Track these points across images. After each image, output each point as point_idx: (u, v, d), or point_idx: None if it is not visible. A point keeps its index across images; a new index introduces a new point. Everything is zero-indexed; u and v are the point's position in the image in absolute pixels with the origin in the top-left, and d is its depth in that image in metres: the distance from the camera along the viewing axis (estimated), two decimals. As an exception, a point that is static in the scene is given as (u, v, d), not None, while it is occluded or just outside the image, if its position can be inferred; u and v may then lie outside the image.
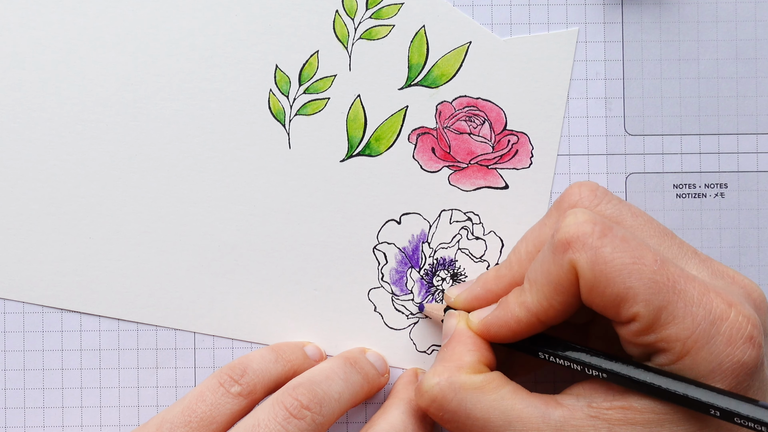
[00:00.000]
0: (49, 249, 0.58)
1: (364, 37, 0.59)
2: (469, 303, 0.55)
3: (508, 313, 0.52)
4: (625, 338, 0.50)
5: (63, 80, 0.58)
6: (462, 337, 0.54)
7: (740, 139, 0.59)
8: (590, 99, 0.59)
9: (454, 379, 0.51)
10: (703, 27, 0.59)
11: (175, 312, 0.59)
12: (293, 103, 0.59)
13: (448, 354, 0.53)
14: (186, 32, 0.58)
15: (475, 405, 0.51)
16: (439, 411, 0.51)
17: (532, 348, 0.53)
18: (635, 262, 0.49)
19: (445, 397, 0.51)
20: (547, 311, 0.51)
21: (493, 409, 0.51)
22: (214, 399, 0.53)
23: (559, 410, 0.50)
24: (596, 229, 0.49)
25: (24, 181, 0.58)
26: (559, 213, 0.54)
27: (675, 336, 0.48)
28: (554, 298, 0.50)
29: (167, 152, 0.58)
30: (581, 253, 0.49)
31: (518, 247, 0.55)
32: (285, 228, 0.59)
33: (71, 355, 0.59)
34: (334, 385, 0.54)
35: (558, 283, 0.50)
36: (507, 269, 0.54)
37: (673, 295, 0.48)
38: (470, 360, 0.52)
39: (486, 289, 0.55)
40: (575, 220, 0.50)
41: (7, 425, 0.58)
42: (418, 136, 0.59)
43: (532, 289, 0.51)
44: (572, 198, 0.54)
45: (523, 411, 0.50)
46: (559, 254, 0.50)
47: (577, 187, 0.54)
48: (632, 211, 0.53)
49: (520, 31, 0.59)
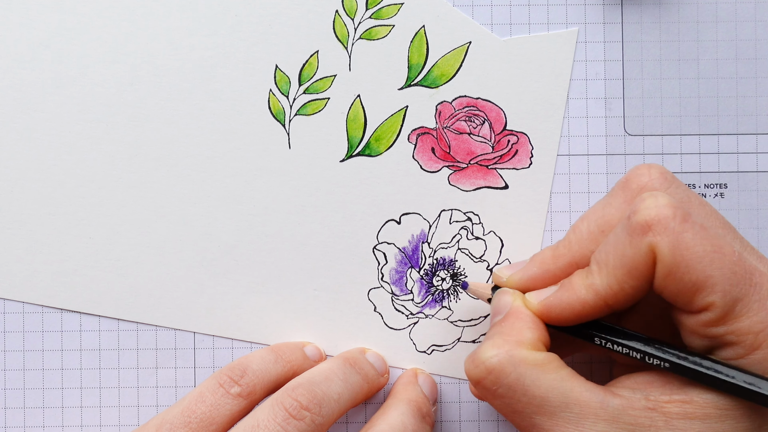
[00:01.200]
0: (49, 249, 0.58)
1: (364, 37, 0.59)
2: (524, 283, 0.53)
3: (573, 295, 0.51)
4: (692, 328, 0.49)
5: (63, 80, 0.58)
6: (520, 314, 0.52)
7: (740, 139, 0.59)
8: (590, 99, 0.59)
9: (515, 353, 0.50)
10: (702, 27, 0.59)
11: (174, 312, 0.59)
12: (293, 103, 0.59)
13: (506, 329, 0.51)
14: (186, 32, 0.58)
15: (533, 382, 0.49)
16: (494, 384, 0.50)
17: (590, 333, 0.51)
18: (716, 251, 0.48)
19: (503, 370, 0.50)
20: (616, 295, 0.50)
21: (552, 388, 0.49)
22: (214, 400, 0.53)
23: (617, 399, 0.49)
24: (678, 213, 0.48)
25: (24, 181, 0.58)
26: (626, 194, 0.52)
27: (747, 329, 0.48)
28: (627, 282, 0.49)
29: (167, 152, 0.58)
30: (662, 236, 0.48)
31: (578, 227, 0.53)
32: (285, 228, 0.59)
33: (71, 355, 0.59)
34: (333, 385, 0.54)
35: (633, 266, 0.49)
36: (566, 249, 0.53)
37: (750, 288, 0.48)
38: (531, 337, 0.51)
39: (543, 269, 0.53)
40: (656, 202, 0.48)
41: (7, 425, 0.58)
42: (418, 136, 0.59)
43: (602, 272, 0.50)
44: (641, 179, 0.52)
45: (582, 394, 0.49)
46: (638, 236, 0.48)
47: (647, 169, 0.52)
48: (699, 200, 0.52)
49: (520, 32, 0.59)
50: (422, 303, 0.59)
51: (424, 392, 0.57)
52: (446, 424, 0.59)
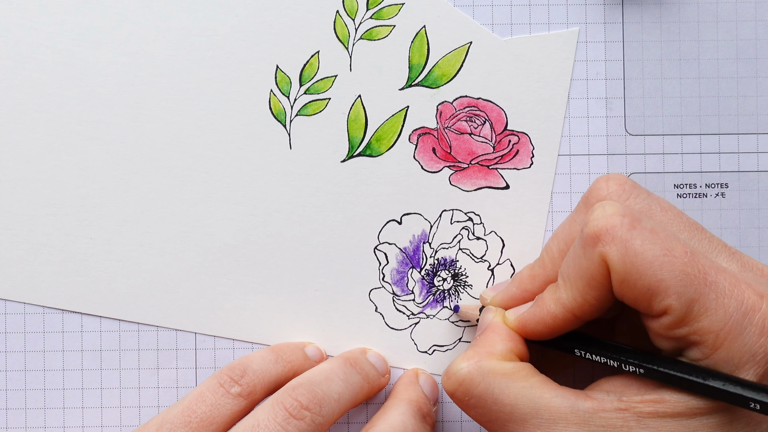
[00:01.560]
0: (50, 250, 0.58)
1: (364, 38, 0.59)
2: (505, 303, 0.55)
3: (543, 310, 0.52)
4: (657, 332, 0.50)
5: (64, 81, 0.58)
6: (496, 328, 0.53)
7: (741, 138, 0.59)
8: (591, 99, 0.59)
9: (483, 364, 0.51)
10: (703, 27, 0.59)
11: (176, 313, 0.59)
12: (294, 104, 0.59)
13: (480, 342, 0.53)
14: (187, 33, 0.58)
15: (502, 391, 0.51)
16: (465, 395, 0.51)
17: (568, 346, 0.53)
18: (665, 254, 0.48)
19: (472, 381, 0.51)
20: (581, 306, 0.51)
21: (521, 396, 0.50)
22: (214, 399, 0.53)
23: (589, 402, 0.50)
24: (625, 221, 0.49)
25: (25, 182, 0.58)
26: (587, 208, 0.53)
27: (707, 328, 0.48)
28: (588, 293, 0.50)
29: (168, 153, 0.58)
30: (611, 245, 0.49)
31: (549, 245, 0.54)
32: (286, 228, 0.59)
33: (72, 355, 0.59)
34: (333, 385, 0.54)
35: (590, 277, 0.50)
36: (540, 268, 0.54)
37: (705, 287, 0.48)
38: (502, 348, 0.52)
39: (521, 288, 0.55)
40: (603, 213, 0.49)
41: (8, 426, 0.58)
42: (419, 137, 0.59)
43: (566, 285, 0.51)
44: (600, 192, 0.53)
45: (551, 400, 0.50)
46: (590, 248, 0.49)
47: (605, 181, 0.53)
48: (662, 205, 0.52)
49: (521, 32, 0.59)
50: (423, 303, 0.59)
51: (425, 392, 0.57)
52: (447, 424, 0.59)
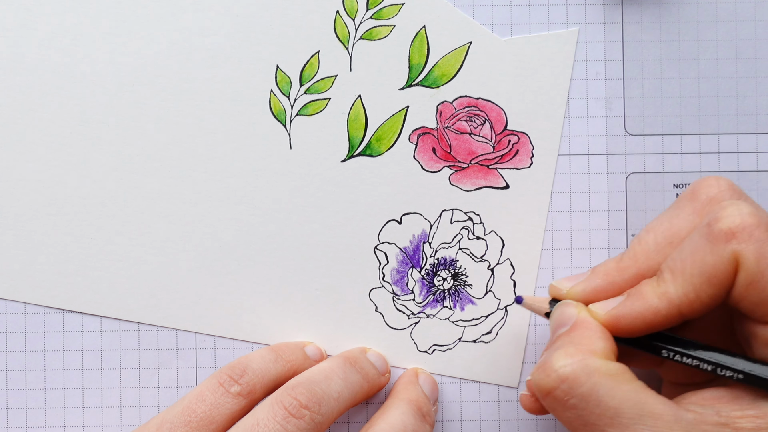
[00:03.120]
0: (50, 250, 0.58)
1: (364, 38, 0.59)
2: (586, 294, 0.52)
3: (644, 304, 0.49)
4: (766, 341, 0.48)
5: (64, 81, 0.58)
6: (589, 324, 0.50)
7: (740, 138, 0.59)
8: (590, 99, 0.59)
9: (589, 362, 0.48)
10: (703, 27, 0.59)
11: (176, 312, 0.59)
12: (294, 104, 0.59)
13: (577, 338, 0.50)
14: (187, 33, 0.58)
15: (608, 392, 0.48)
16: (567, 395, 0.48)
17: (656, 345, 0.50)
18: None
19: (577, 379, 0.48)
20: (692, 303, 0.48)
21: (627, 399, 0.48)
22: (214, 399, 0.53)
23: (691, 414, 0.48)
24: (763, 222, 0.47)
25: (25, 182, 0.58)
26: (694, 205, 0.51)
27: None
28: (704, 290, 0.48)
29: (168, 153, 0.58)
30: (747, 244, 0.47)
31: (644, 238, 0.52)
32: (286, 228, 0.59)
33: (73, 355, 0.59)
34: (333, 384, 0.54)
35: (713, 274, 0.48)
36: (631, 260, 0.51)
37: None
38: (603, 347, 0.49)
39: (608, 281, 0.52)
40: (739, 210, 0.48)
41: (8, 426, 0.58)
42: (419, 137, 0.59)
43: (676, 280, 0.48)
44: (710, 190, 0.51)
45: (656, 407, 0.48)
46: (720, 244, 0.47)
47: (716, 180, 0.51)
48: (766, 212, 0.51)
49: (521, 32, 0.59)
50: (423, 303, 0.59)
51: (424, 392, 0.57)
52: (447, 423, 0.59)
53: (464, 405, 0.59)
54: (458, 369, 0.59)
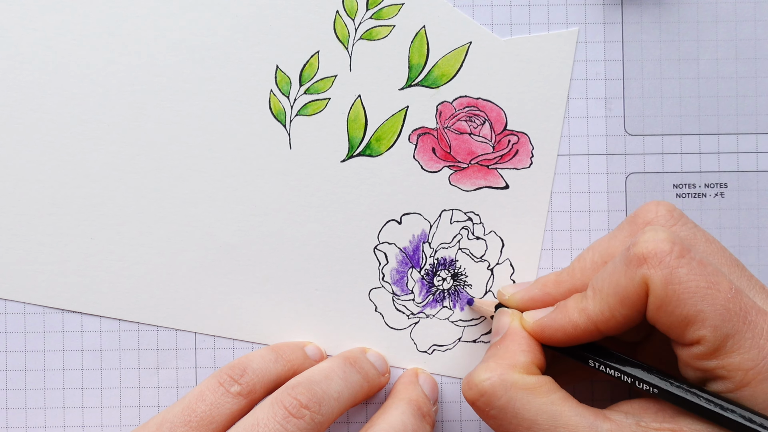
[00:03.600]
0: (50, 249, 0.58)
1: (364, 38, 0.59)
2: (524, 303, 0.55)
3: (565, 317, 0.52)
4: (685, 360, 0.50)
5: (64, 81, 0.58)
6: (516, 336, 0.53)
7: (740, 138, 0.59)
8: (590, 99, 0.59)
9: (507, 377, 0.51)
10: (702, 27, 0.59)
11: (176, 312, 0.59)
12: (294, 104, 0.59)
13: (501, 351, 0.53)
14: (187, 33, 0.58)
15: (524, 405, 0.51)
16: (486, 406, 0.51)
17: (584, 355, 0.53)
18: (710, 287, 0.48)
19: (495, 393, 0.51)
20: (607, 321, 0.51)
21: (542, 412, 0.50)
22: (214, 398, 0.53)
23: (608, 424, 0.50)
24: (675, 248, 0.49)
25: (25, 182, 0.58)
26: (632, 228, 0.54)
27: (737, 365, 0.48)
28: (618, 310, 0.50)
29: (168, 153, 0.58)
30: (656, 270, 0.49)
31: (584, 256, 0.55)
32: (286, 228, 0.59)
33: (72, 355, 0.59)
34: (333, 384, 0.54)
35: (625, 295, 0.50)
36: (568, 275, 0.54)
37: (743, 325, 0.48)
38: (524, 360, 0.52)
39: (544, 292, 0.55)
40: (654, 236, 0.49)
41: (8, 426, 0.58)
42: (419, 137, 0.59)
43: (595, 297, 0.51)
44: (648, 215, 0.53)
45: (571, 418, 0.50)
46: (633, 268, 0.49)
47: (654, 205, 0.54)
48: (706, 237, 0.53)
49: (521, 32, 0.59)
50: (423, 303, 0.59)
51: (424, 392, 0.57)
52: (447, 423, 0.59)
53: (464, 405, 0.59)
54: (458, 369, 0.59)
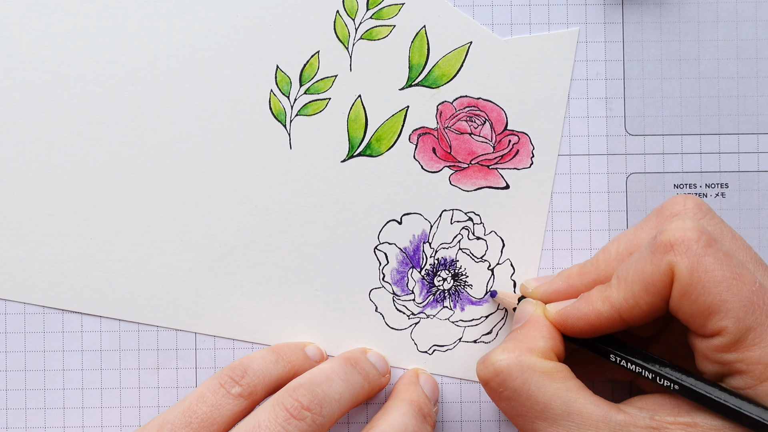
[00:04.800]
0: (50, 250, 0.58)
1: (364, 38, 0.59)
2: (548, 295, 0.55)
3: (589, 306, 0.52)
4: (704, 353, 0.50)
5: (64, 81, 0.58)
6: (537, 323, 0.53)
7: (741, 138, 0.59)
8: (591, 99, 0.59)
9: (524, 359, 0.51)
10: (703, 27, 0.59)
11: (176, 312, 0.59)
12: (294, 104, 0.59)
13: (521, 335, 0.53)
14: (187, 33, 0.58)
15: (539, 388, 0.51)
16: (500, 386, 0.51)
17: (605, 350, 0.53)
18: (735, 278, 0.49)
19: (510, 374, 0.51)
20: (631, 309, 0.51)
21: (556, 397, 0.51)
22: (215, 400, 0.53)
23: (621, 415, 0.50)
24: (703, 237, 0.49)
25: (25, 182, 0.58)
26: (659, 220, 0.54)
27: (757, 359, 0.48)
28: (642, 297, 0.50)
29: (168, 153, 0.58)
30: (683, 257, 0.49)
31: (609, 247, 0.55)
32: (286, 228, 0.59)
33: (72, 355, 0.59)
34: (334, 385, 0.54)
35: (651, 282, 0.50)
36: (593, 267, 0.54)
37: (766, 319, 0.48)
38: (543, 346, 0.52)
39: (568, 283, 0.55)
40: (682, 225, 0.50)
41: (8, 426, 0.58)
42: (419, 137, 0.59)
43: (620, 286, 0.51)
44: (676, 207, 0.53)
45: (585, 406, 0.50)
46: (659, 254, 0.50)
47: (683, 199, 0.54)
48: (732, 234, 0.53)
49: (521, 32, 0.59)
50: (423, 303, 0.59)
51: (425, 392, 0.57)
52: (447, 424, 0.59)
53: (464, 405, 0.59)
54: (458, 369, 0.59)
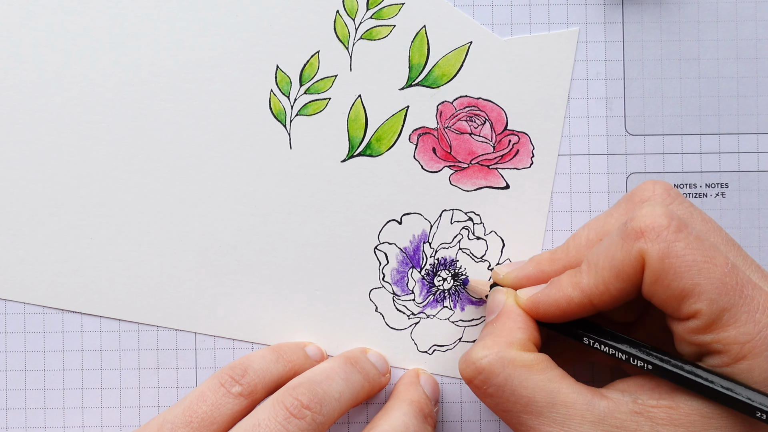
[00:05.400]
0: (50, 250, 0.58)
1: (364, 38, 0.59)
2: (518, 281, 0.55)
3: (559, 292, 0.52)
4: (680, 335, 0.50)
5: (64, 81, 0.58)
6: (512, 313, 0.53)
7: (741, 138, 0.59)
8: (591, 99, 0.59)
9: (504, 354, 0.51)
10: (703, 27, 0.59)
11: (176, 312, 0.59)
12: (294, 104, 0.59)
13: (497, 329, 0.53)
14: (187, 33, 0.58)
15: (521, 382, 0.51)
16: (484, 384, 0.51)
17: (578, 333, 0.53)
18: (706, 261, 0.49)
19: (493, 371, 0.51)
20: (602, 295, 0.51)
21: (539, 389, 0.51)
22: (215, 399, 0.53)
23: (605, 402, 0.50)
24: (673, 223, 0.49)
25: (25, 182, 0.58)
26: (629, 206, 0.54)
27: (733, 339, 0.48)
28: (612, 283, 0.50)
29: (168, 153, 0.58)
30: (653, 243, 0.49)
31: (579, 234, 0.54)
32: (286, 228, 0.59)
33: (72, 355, 0.59)
34: (334, 384, 0.54)
35: (621, 269, 0.50)
36: (563, 253, 0.54)
37: (739, 299, 0.48)
38: (521, 337, 0.52)
39: (539, 269, 0.55)
40: (652, 211, 0.50)
41: (8, 426, 0.58)
42: (419, 137, 0.59)
43: (590, 271, 0.51)
44: (645, 193, 0.53)
45: (569, 396, 0.50)
46: (630, 241, 0.49)
47: (651, 184, 0.53)
48: (702, 216, 0.53)
49: (521, 31, 0.59)
50: (423, 303, 0.59)
51: (425, 392, 0.57)
52: (448, 424, 0.59)
53: (465, 405, 0.59)
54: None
